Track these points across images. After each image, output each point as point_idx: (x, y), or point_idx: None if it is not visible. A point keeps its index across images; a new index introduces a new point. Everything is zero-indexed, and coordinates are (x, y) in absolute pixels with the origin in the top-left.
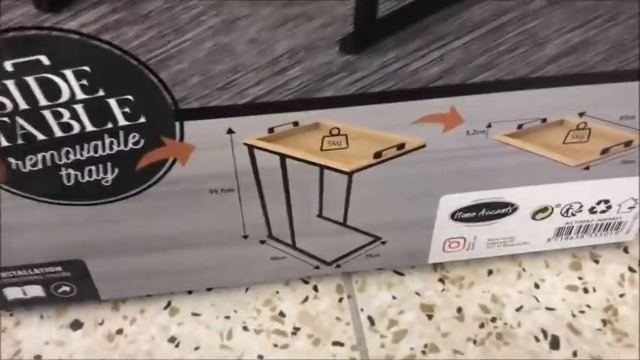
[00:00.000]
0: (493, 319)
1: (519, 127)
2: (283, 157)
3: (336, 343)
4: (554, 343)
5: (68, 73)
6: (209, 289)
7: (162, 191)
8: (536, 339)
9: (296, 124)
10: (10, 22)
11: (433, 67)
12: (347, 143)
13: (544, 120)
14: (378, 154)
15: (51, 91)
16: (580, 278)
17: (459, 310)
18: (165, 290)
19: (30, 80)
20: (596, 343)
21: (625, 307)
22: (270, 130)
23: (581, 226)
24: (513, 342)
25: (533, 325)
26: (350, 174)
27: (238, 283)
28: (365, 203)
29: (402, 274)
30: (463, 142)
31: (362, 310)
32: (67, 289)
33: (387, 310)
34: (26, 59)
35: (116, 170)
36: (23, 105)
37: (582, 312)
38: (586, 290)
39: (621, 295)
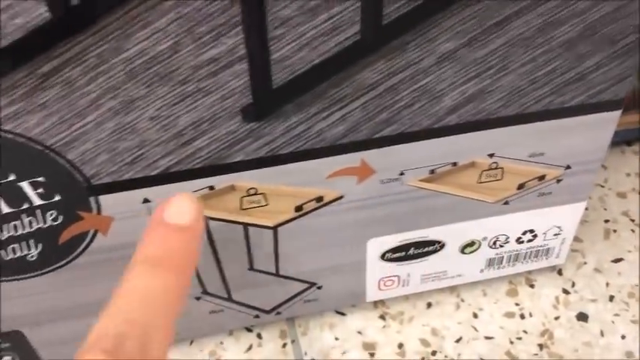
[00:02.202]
0: (433, 353)
1: (432, 172)
2: (205, 219)
3: None
4: None
5: None
6: None
7: (89, 261)
8: None
9: (212, 188)
10: None
11: (337, 126)
12: (266, 201)
13: (455, 164)
14: (299, 208)
15: None
16: (517, 304)
17: (400, 345)
18: None
19: None
20: None
21: (560, 330)
22: None
23: (511, 256)
24: None
25: (472, 355)
26: (274, 228)
27: (181, 337)
28: (294, 253)
29: (343, 314)
30: (379, 191)
31: (306, 353)
32: (9, 358)
33: (330, 351)
34: None
35: (39, 246)
36: None
37: (519, 338)
38: (522, 316)
39: (556, 318)
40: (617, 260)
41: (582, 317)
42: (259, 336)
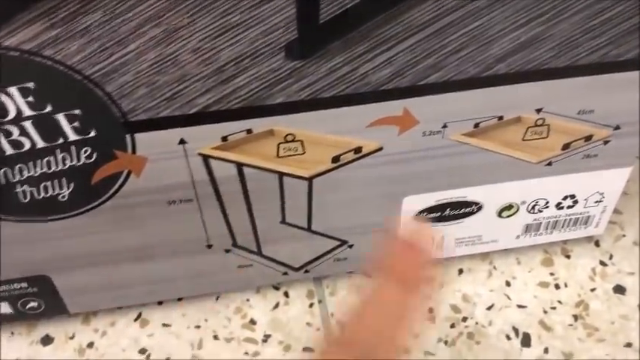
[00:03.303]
0: (464, 319)
1: (476, 125)
2: (240, 165)
3: (307, 349)
4: (526, 341)
5: (13, 90)
6: (179, 299)
7: (120, 204)
8: (508, 337)
9: (250, 131)
10: None
11: (382, 70)
12: (303, 149)
13: (500, 118)
14: (335, 159)
15: None
16: (551, 274)
17: (430, 310)
18: (135, 302)
19: None
20: (568, 338)
21: (596, 302)
22: (224, 139)
23: (549, 222)
24: (484, 341)
25: (504, 324)
26: (309, 179)
27: (208, 292)
28: (328, 208)
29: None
30: (420, 144)
31: (332, 314)
32: (35, 304)
33: None
34: None
35: (72, 185)
36: None
37: (554, 308)
38: (557, 286)
39: (592, 290)
40: None
41: (619, 290)
42: (286, 294)
